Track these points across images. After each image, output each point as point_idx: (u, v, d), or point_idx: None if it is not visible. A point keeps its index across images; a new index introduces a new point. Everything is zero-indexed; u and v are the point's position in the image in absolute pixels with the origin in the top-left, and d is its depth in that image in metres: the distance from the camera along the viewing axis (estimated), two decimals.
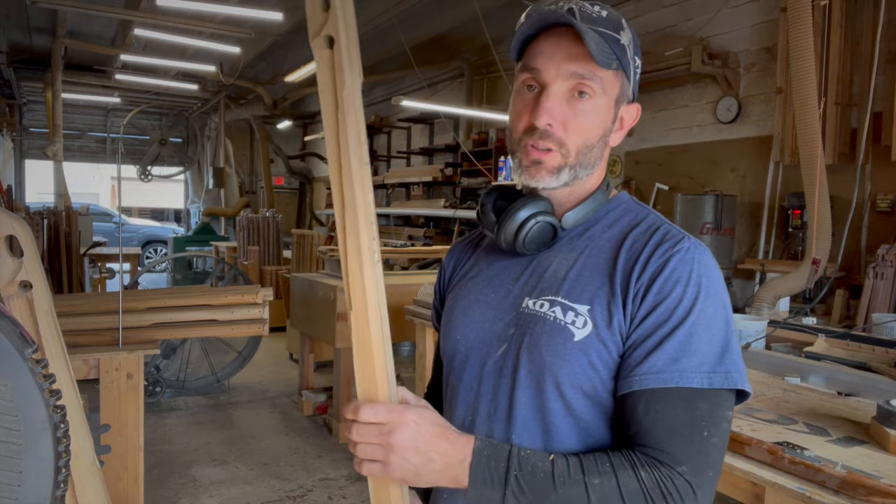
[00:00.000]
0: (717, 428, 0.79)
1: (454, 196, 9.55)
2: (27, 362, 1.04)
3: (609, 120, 0.90)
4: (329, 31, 0.66)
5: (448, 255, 1.11)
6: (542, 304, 0.88)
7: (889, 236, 4.47)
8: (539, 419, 0.86)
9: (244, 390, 5.14)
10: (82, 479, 1.61)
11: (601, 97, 0.87)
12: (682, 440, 0.78)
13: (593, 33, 0.84)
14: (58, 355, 1.60)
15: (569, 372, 0.84)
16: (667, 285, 0.82)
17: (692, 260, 0.83)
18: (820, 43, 4.47)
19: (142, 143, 14.93)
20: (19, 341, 1.04)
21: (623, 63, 0.88)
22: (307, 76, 8.95)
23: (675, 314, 0.81)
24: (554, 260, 0.92)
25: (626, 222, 0.92)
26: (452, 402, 0.96)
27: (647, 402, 0.80)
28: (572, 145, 0.88)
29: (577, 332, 0.84)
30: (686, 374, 0.79)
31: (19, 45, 10.26)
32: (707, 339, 0.80)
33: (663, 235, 0.87)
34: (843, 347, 2.38)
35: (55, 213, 6.78)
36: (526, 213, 0.90)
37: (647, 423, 0.80)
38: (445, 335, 0.99)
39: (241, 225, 7.93)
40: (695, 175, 6.05)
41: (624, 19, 0.89)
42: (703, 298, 0.81)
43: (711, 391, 0.79)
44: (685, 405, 0.79)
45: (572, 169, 0.89)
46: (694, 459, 0.78)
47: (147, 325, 2.69)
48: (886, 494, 1.17)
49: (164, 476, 3.53)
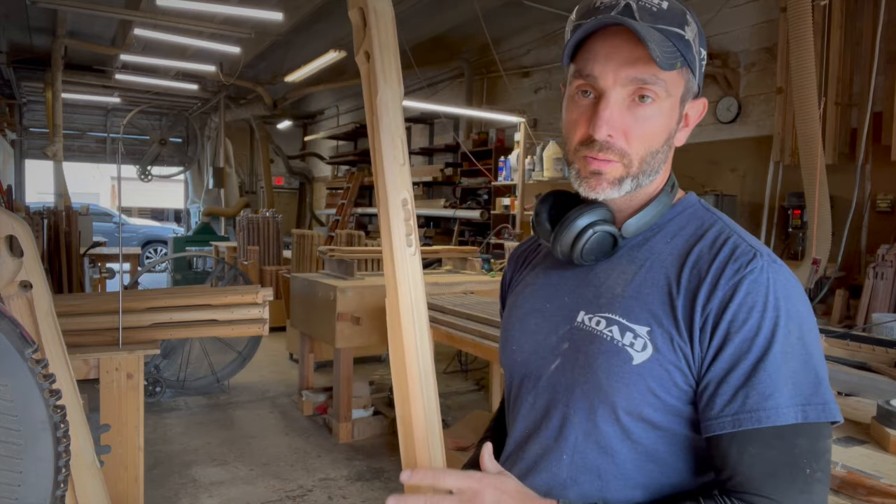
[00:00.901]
0: (819, 462, 0.74)
1: (454, 196, 9.55)
2: (27, 362, 1.04)
3: (674, 122, 0.83)
4: (366, 48, 0.72)
5: (509, 260, 1.08)
6: (599, 322, 0.83)
7: (889, 236, 4.47)
8: (593, 441, 0.82)
9: (244, 390, 5.14)
10: (82, 479, 1.61)
11: (665, 100, 0.80)
12: (783, 482, 0.73)
13: (655, 33, 0.77)
14: (58, 355, 1.60)
15: (626, 396, 0.79)
16: (741, 312, 0.75)
17: (767, 281, 0.76)
18: (820, 43, 4.47)
19: (142, 143, 14.93)
20: (19, 341, 1.04)
21: (688, 59, 0.80)
22: (307, 76, 8.95)
23: (755, 345, 0.74)
24: (612, 272, 0.86)
25: (691, 231, 0.85)
26: (514, 416, 0.94)
27: (740, 444, 0.74)
28: (635, 155, 0.81)
29: (635, 355, 0.79)
30: (781, 410, 0.72)
31: (19, 45, 10.26)
32: (795, 368, 0.74)
33: (732, 251, 0.79)
34: (843, 347, 2.38)
35: (55, 213, 6.78)
36: (584, 223, 0.84)
37: (743, 467, 0.74)
38: (504, 345, 0.97)
39: (241, 225, 7.92)
40: (695, 175, 6.05)
41: (688, 9, 0.82)
42: (783, 324, 0.74)
43: (809, 425, 0.73)
44: (782, 444, 0.73)
45: (635, 178, 0.83)
46: (798, 500, 0.73)
47: (147, 325, 2.69)
48: (886, 494, 1.17)
49: (164, 476, 3.52)
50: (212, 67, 9.94)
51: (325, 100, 13.53)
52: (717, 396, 0.75)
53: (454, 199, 9.42)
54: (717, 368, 0.75)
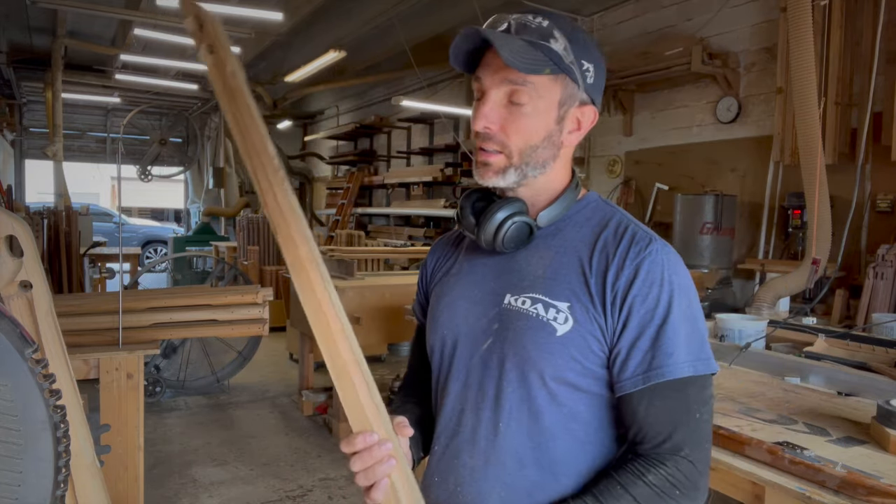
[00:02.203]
0: (705, 406, 0.90)
1: (454, 196, 9.54)
2: (27, 362, 1.04)
3: (552, 121, 0.95)
4: (208, 42, 0.78)
5: (430, 251, 1.18)
6: (525, 301, 0.95)
7: (889, 236, 4.47)
8: (525, 407, 0.93)
9: (244, 390, 5.14)
10: (82, 479, 1.61)
11: (538, 101, 0.93)
12: (680, 426, 0.88)
13: (519, 43, 0.89)
14: (58, 355, 1.60)
15: (552, 364, 0.91)
16: (643, 288, 0.89)
17: (661, 262, 0.91)
18: (820, 43, 4.46)
19: (142, 143, 14.92)
20: (19, 341, 1.04)
21: (562, 68, 0.92)
22: (307, 76, 8.94)
23: (656, 314, 0.89)
24: (532, 258, 0.98)
25: (596, 222, 0.98)
26: (443, 393, 1.02)
27: (648, 399, 0.89)
28: (514, 146, 0.94)
29: (558, 327, 0.91)
30: (679, 365, 0.88)
31: (19, 45, 10.25)
32: (687, 330, 0.89)
33: (632, 238, 0.93)
34: (843, 347, 2.38)
35: (55, 213, 6.77)
36: (503, 215, 0.95)
37: (650, 418, 0.89)
38: (432, 329, 1.05)
39: (241, 225, 7.93)
40: (695, 175, 6.05)
41: (560, 28, 0.93)
42: (677, 295, 0.89)
43: (699, 377, 0.89)
44: (678, 395, 0.88)
45: (518, 169, 0.95)
46: (692, 439, 0.89)
47: (147, 325, 2.69)
48: (886, 494, 1.17)
49: (164, 476, 3.53)
50: None
51: (325, 100, 13.52)
52: (630, 360, 0.89)
53: (454, 199, 9.41)
54: (627, 336, 0.89)
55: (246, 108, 0.79)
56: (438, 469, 1.00)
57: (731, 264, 5.30)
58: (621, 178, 6.82)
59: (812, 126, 3.54)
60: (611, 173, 6.96)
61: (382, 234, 10.65)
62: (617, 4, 6.70)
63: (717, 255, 5.14)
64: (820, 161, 3.52)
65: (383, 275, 5.33)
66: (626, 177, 6.76)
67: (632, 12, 6.61)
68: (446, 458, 0.99)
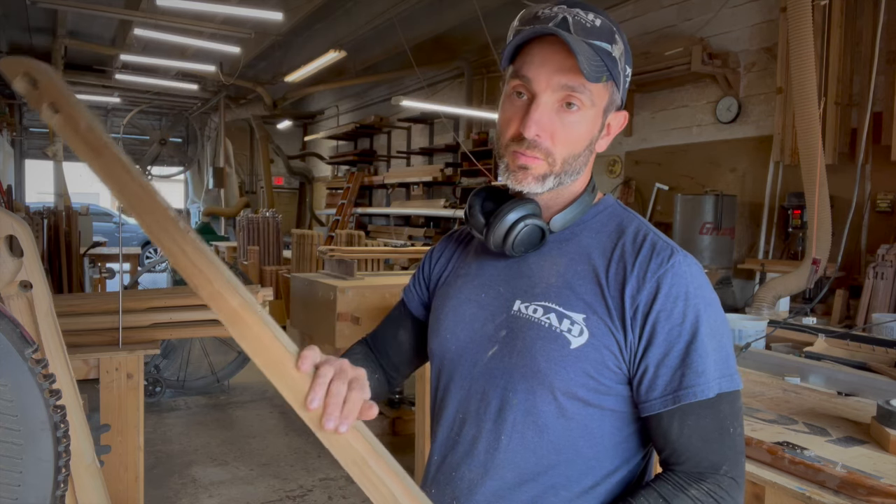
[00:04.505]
0: (737, 420, 0.86)
1: (454, 196, 9.55)
2: (27, 362, 1.04)
3: (596, 129, 0.91)
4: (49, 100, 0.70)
5: (439, 242, 1.12)
6: (536, 310, 0.89)
7: (889, 236, 4.47)
8: (531, 421, 0.88)
9: (244, 390, 5.14)
10: (82, 479, 1.61)
11: (589, 109, 0.88)
12: (717, 444, 0.84)
13: (585, 47, 0.84)
14: (58, 355, 1.60)
15: (564, 378, 0.86)
16: (668, 303, 0.84)
17: (685, 275, 0.86)
18: (820, 43, 4.47)
19: (142, 143, 14.92)
20: (19, 341, 1.04)
21: (613, 74, 0.88)
22: (307, 76, 8.94)
23: (684, 330, 0.84)
24: (544, 263, 0.93)
25: (612, 228, 0.93)
26: (444, 400, 0.98)
27: (680, 418, 0.84)
28: (559, 155, 0.88)
29: (573, 340, 0.86)
30: (710, 384, 0.83)
31: (19, 45, 10.26)
32: (715, 346, 0.84)
33: (652, 248, 0.88)
34: (843, 347, 2.38)
35: (55, 213, 6.77)
36: (515, 216, 0.90)
37: (684, 439, 0.84)
38: (434, 332, 1.01)
39: (241, 225, 7.92)
40: (695, 175, 6.05)
41: (617, 29, 0.89)
42: (703, 311, 0.84)
43: (728, 393, 0.84)
44: (712, 413, 0.84)
45: (557, 177, 0.90)
46: (730, 455, 0.84)
47: (147, 325, 2.69)
48: (886, 494, 1.17)
49: (164, 476, 3.52)
50: (212, 67, 9.94)
51: (325, 100, 13.53)
52: (658, 378, 0.84)
53: (454, 199, 9.42)
54: (654, 353, 0.84)
55: (117, 163, 0.70)
56: (436, 480, 0.96)
57: (731, 264, 5.31)
58: (621, 178, 6.82)
59: (812, 126, 3.54)
60: (611, 173, 6.96)
61: (382, 234, 10.66)
62: (617, 4, 6.70)
63: (717, 255, 5.15)
64: (820, 161, 3.53)
65: (383, 275, 5.33)
66: (626, 177, 6.76)
67: (632, 12, 6.60)
68: (444, 469, 0.95)
